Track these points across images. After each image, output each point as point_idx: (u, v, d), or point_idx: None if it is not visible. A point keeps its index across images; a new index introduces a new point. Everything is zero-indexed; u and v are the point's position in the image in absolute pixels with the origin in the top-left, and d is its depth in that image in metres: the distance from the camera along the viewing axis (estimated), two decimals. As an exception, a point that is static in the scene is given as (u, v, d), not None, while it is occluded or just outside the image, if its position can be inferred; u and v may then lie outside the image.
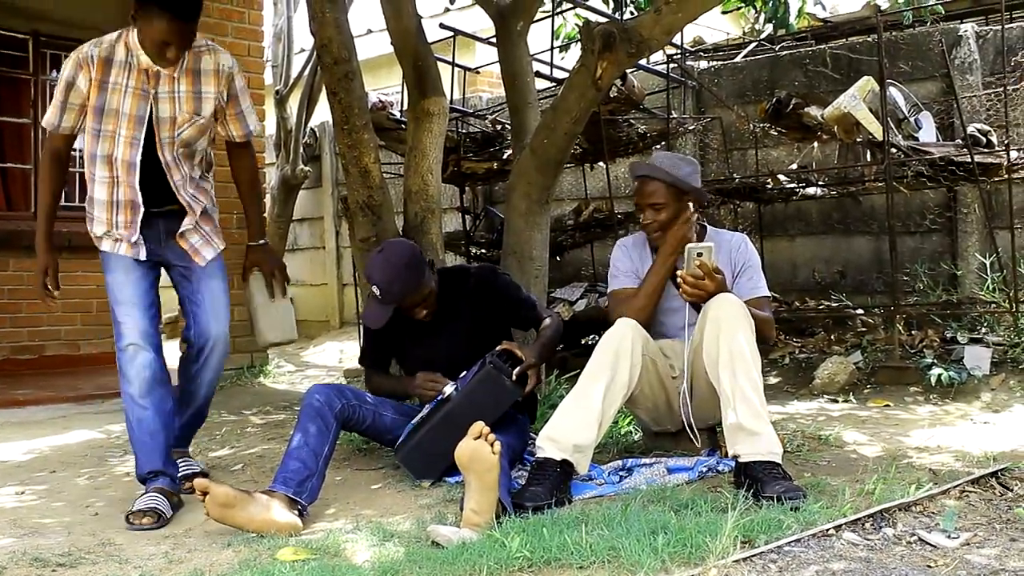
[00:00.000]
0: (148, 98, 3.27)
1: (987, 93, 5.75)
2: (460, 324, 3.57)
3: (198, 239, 3.42)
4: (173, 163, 3.33)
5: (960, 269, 5.81)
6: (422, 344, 3.61)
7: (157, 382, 3.25)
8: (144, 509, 3.06)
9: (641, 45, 3.82)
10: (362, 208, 4.14)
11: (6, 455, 4.31)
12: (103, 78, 3.25)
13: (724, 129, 6.63)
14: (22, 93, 7.60)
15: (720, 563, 2.23)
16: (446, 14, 10.91)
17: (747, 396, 3.00)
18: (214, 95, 3.36)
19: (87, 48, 3.28)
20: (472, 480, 2.75)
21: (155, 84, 3.27)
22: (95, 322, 7.73)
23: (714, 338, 3.11)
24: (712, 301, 3.18)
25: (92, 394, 5.97)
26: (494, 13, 4.78)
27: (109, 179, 3.32)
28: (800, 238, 6.60)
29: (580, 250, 7.24)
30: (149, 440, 3.23)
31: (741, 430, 2.97)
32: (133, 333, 3.28)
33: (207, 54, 3.36)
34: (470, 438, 2.78)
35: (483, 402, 3.24)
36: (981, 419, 4.24)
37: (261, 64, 6.82)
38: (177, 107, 3.30)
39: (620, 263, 3.60)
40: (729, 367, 3.05)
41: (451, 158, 6.13)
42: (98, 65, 3.25)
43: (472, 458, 2.75)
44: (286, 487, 2.96)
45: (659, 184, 3.42)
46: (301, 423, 3.16)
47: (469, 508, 2.72)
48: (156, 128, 3.29)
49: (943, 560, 2.27)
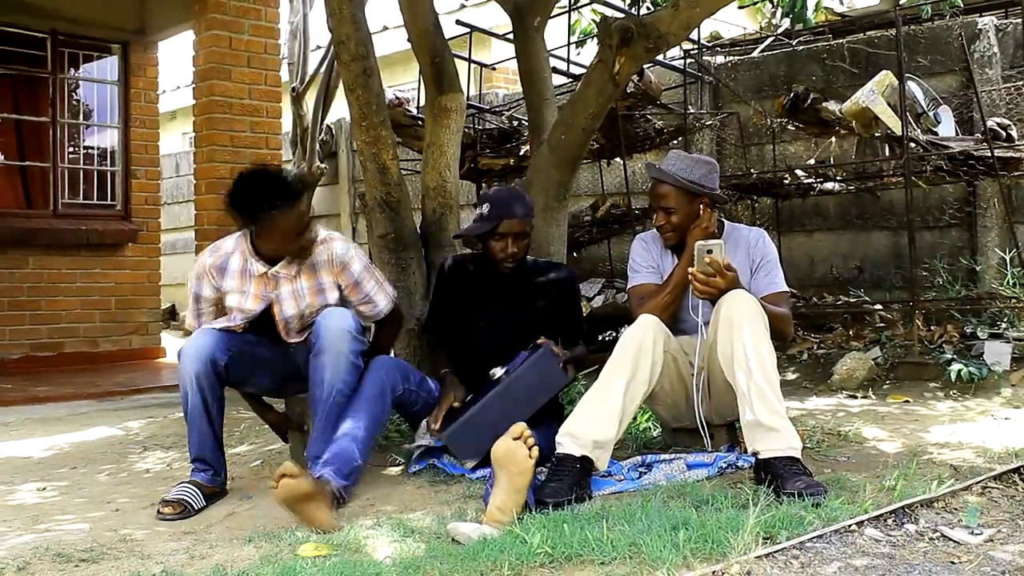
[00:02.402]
0: (267, 300, 3.39)
1: (1007, 87, 5.72)
2: (533, 306, 3.64)
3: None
4: (298, 335, 3.48)
5: (980, 264, 5.78)
6: (494, 307, 3.63)
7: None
8: (171, 499, 3.13)
9: (659, 40, 3.80)
10: (380, 205, 4.14)
11: (27, 451, 4.34)
12: (220, 283, 3.41)
13: (741, 124, 6.61)
14: (41, 91, 7.66)
15: (742, 559, 2.22)
16: (462, 10, 10.91)
17: (763, 393, 2.98)
18: (334, 284, 3.44)
19: (204, 257, 3.45)
20: (503, 479, 2.76)
21: (275, 287, 3.38)
22: (114, 319, 7.79)
23: (728, 336, 3.10)
24: (724, 299, 3.17)
25: (111, 391, 6.01)
26: (511, 9, 4.77)
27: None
28: (818, 233, 6.57)
29: (597, 246, 7.24)
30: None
31: (759, 427, 2.96)
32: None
33: (320, 245, 3.42)
34: (509, 437, 2.79)
35: (535, 384, 3.31)
36: (1002, 415, 4.21)
37: (277, 61, 6.84)
38: (302, 302, 3.41)
39: (640, 258, 3.59)
40: (744, 365, 3.04)
41: (468, 154, 6.13)
42: (216, 273, 3.40)
43: (508, 458, 2.76)
44: (343, 478, 3.04)
45: (669, 187, 3.42)
46: (363, 402, 3.21)
47: (495, 505, 2.72)
48: (282, 328, 3.44)
49: (966, 556, 2.25)
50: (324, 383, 3.22)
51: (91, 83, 8.14)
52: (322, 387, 3.23)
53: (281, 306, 3.40)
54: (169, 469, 3.94)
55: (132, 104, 8.05)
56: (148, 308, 8.07)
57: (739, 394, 3.05)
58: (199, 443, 3.28)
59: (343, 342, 3.23)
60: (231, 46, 6.44)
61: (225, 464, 3.40)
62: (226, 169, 6.22)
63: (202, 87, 6.50)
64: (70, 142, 7.94)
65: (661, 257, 3.56)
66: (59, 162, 7.70)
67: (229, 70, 6.43)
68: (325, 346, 3.23)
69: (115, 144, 8.11)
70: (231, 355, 3.29)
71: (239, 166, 5.89)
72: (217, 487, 3.32)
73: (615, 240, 7.05)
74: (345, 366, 3.23)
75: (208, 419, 3.26)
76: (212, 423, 3.27)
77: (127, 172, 8.04)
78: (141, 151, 8.10)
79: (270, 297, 3.39)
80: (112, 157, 8.10)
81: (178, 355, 3.27)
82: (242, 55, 6.49)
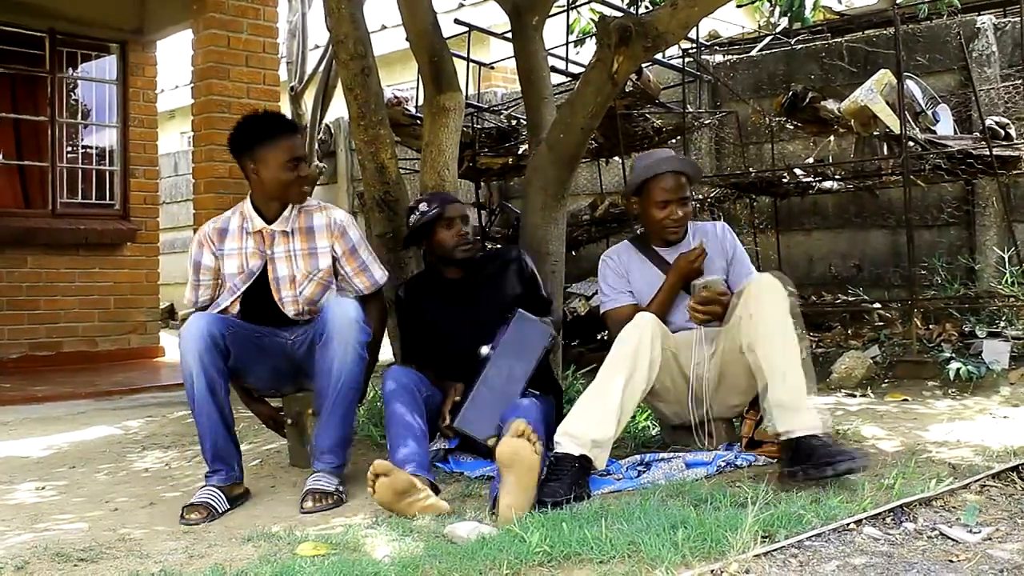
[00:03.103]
0: (263, 258, 3.44)
1: (1005, 85, 5.72)
2: (497, 293, 3.65)
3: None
4: (296, 317, 3.50)
5: (978, 263, 5.78)
6: (463, 308, 3.63)
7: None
8: (195, 503, 3.11)
9: (657, 39, 3.80)
10: (378, 204, 4.14)
11: (25, 451, 4.34)
12: (220, 246, 3.49)
13: (740, 123, 6.60)
14: (39, 91, 7.66)
15: (741, 557, 2.22)
16: (461, 9, 10.91)
17: (796, 371, 3.02)
18: (328, 250, 3.48)
19: (205, 226, 3.56)
20: (511, 478, 2.77)
21: (271, 245, 3.44)
22: (112, 319, 7.78)
23: (755, 315, 3.13)
24: (752, 283, 3.22)
25: (110, 390, 6.01)
26: (509, 8, 4.77)
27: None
28: (816, 232, 6.57)
29: (596, 245, 7.21)
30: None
31: (787, 407, 2.98)
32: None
33: (318, 211, 3.51)
34: (512, 436, 2.79)
35: (522, 344, 3.38)
36: (1000, 413, 4.21)
37: (276, 60, 6.84)
38: (294, 265, 3.44)
39: (611, 281, 3.62)
40: (779, 343, 3.07)
41: (467, 154, 6.12)
42: (215, 237, 3.50)
43: (513, 459, 2.77)
44: (426, 471, 3.07)
45: (686, 179, 3.52)
46: (401, 406, 3.24)
47: (505, 503, 2.73)
48: (275, 289, 3.46)
49: (965, 555, 2.25)
50: (332, 372, 3.23)
51: (90, 82, 8.14)
52: (329, 376, 3.23)
53: (275, 265, 3.44)
54: (168, 468, 3.94)
55: (131, 103, 8.05)
56: (147, 307, 8.07)
57: (769, 372, 3.05)
58: (210, 429, 3.20)
59: (351, 331, 3.24)
60: (230, 45, 6.44)
61: (239, 453, 3.33)
62: (225, 168, 6.22)
63: (200, 86, 6.49)
64: (68, 141, 7.93)
65: (631, 269, 3.60)
66: (57, 161, 7.70)
67: (228, 69, 6.43)
68: (333, 334, 3.22)
69: (114, 143, 8.11)
70: (232, 333, 3.28)
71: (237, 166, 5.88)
72: (236, 483, 3.26)
73: (614, 239, 7.02)
74: (352, 356, 3.24)
75: (215, 402, 3.18)
76: (221, 408, 3.20)
77: (126, 171, 8.03)
78: (140, 150, 8.10)
79: (266, 255, 3.44)
80: (111, 156, 8.10)
81: (179, 345, 3.25)
82: (240, 54, 6.49)
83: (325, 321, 3.25)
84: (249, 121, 3.46)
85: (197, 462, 3.92)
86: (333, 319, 3.24)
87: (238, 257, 3.46)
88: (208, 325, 3.21)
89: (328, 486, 3.18)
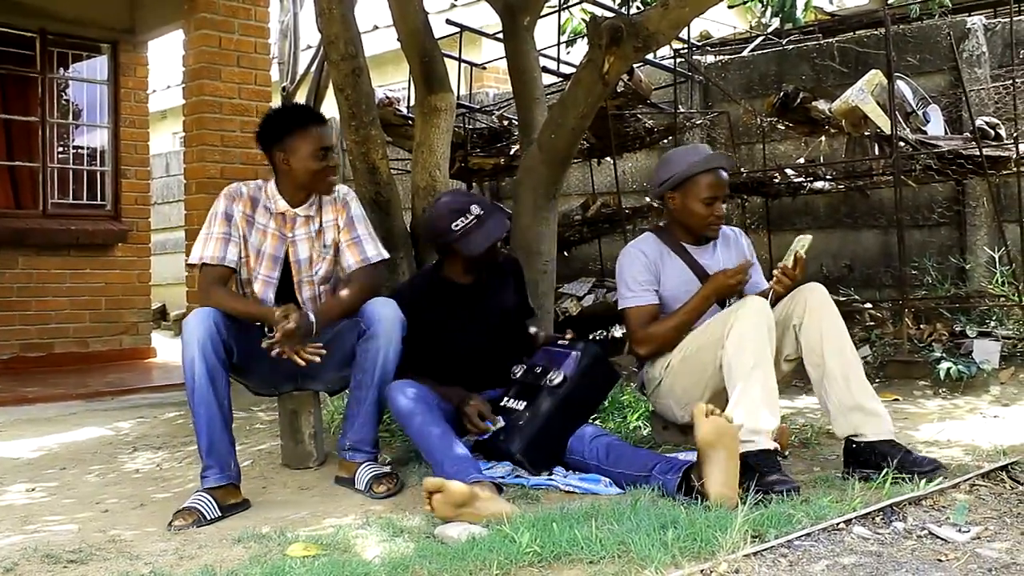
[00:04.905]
0: (285, 241, 3.48)
1: (996, 86, 5.74)
2: (498, 296, 3.64)
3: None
4: (311, 301, 3.51)
5: (969, 263, 5.80)
6: (466, 310, 3.56)
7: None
8: (184, 508, 3.05)
9: (648, 39, 3.81)
10: (370, 204, 4.14)
11: (16, 452, 4.33)
12: (251, 214, 3.48)
13: (731, 123, 6.62)
14: (30, 91, 7.62)
15: (730, 557, 2.22)
16: (452, 10, 10.90)
17: (860, 376, 3.11)
18: (333, 222, 3.53)
19: (235, 185, 3.52)
20: (719, 456, 2.74)
21: (292, 228, 3.48)
22: (104, 319, 7.76)
23: (816, 322, 3.18)
24: (812, 292, 3.26)
25: (101, 391, 5.99)
26: (501, 9, 4.77)
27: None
28: (807, 232, 6.58)
29: (588, 245, 7.24)
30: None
31: (860, 410, 3.08)
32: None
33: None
34: (702, 417, 2.77)
35: (595, 384, 3.38)
36: (991, 413, 4.23)
37: (267, 61, 6.82)
38: (311, 245, 3.50)
39: (639, 275, 3.49)
40: (849, 351, 3.16)
41: (458, 154, 6.13)
42: (248, 201, 3.48)
43: (718, 435, 2.75)
44: (481, 474, 3.02)
45: (727, 177, 3.57)
46: (425, 418, 3.16)
47: (719, 483, 2.71)
48: (295, 271, 3.50)
49: (954, 554, 2.26)
50: (375, 369, 3.30)
51: (80, 83, 8.10)
52: (372, 373, 3.31)
53: (295, 247, 3.49)
54: (159, 470, 3.93)
55: (122, 104, 8.01)
56: (138, 308, 8.04)
57: (830, 377, 3.11)
58: (207, 422, 3.12)
59: (395, 331, 3.32)
60: (221, 46, 6.42)
61: (235, 451, 3.23)
62: (216, 169, 6.20)
63: (192, 87, 6.47)
64: (59, 142, 7.90)
65: (665, 267, 3.52)
66: (48, 162, 7.67)
67: (219, 70, 6.41)
68: (380, 331, 3.29)
69: (105, 144, 8.08)
70: (235, 327, 3.26)
71: (229, 166, 5.84)
72: (232, 487, 3.17)
73: (605, 239, 7.05)
74: (393, 357, 3.32)
75: (215, 392, 3.12)
76: (220, 401, 3.14)
77: (117, 172, 8.00)
78: (131, 151, 8.07)
79: (287, 239, 3.48)
80: (102, 157, 8.07)
81: (182, 336, 3.20)
82: (232, 55, 6.47)
83: (371, 319, 3.32)
84: (279, 112, 3.56)
85: (188, 463, 3.92)
86: (382, 318, 3.30)
87: (262, 234, 3.47)
88: (212, 316, 3.20)
89: (386, 469, 3.32)
